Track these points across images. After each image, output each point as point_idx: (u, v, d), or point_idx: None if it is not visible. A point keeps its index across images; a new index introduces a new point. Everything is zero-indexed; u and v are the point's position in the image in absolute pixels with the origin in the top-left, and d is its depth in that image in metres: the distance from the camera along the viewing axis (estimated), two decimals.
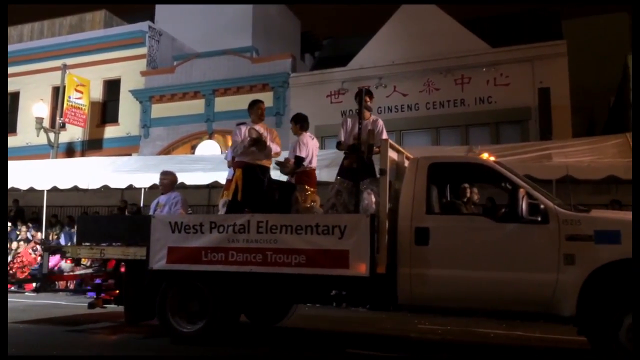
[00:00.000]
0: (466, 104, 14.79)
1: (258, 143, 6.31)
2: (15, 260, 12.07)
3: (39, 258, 12.24)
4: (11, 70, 20.28)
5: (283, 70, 16.81)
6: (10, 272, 11.77)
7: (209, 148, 17.19)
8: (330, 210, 6.29)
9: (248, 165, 6.41)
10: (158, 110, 18.17)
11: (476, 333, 7.17)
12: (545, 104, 13.16)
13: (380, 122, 6.60)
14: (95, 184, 12.68)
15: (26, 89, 20.08)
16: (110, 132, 19.05)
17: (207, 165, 11.95)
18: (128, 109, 18.73)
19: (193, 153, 17.10)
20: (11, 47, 21.06)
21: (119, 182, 12.58)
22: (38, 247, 12.78)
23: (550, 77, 13.61)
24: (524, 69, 14.14)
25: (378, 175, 5.62)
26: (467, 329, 7.32)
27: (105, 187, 12.82)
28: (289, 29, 22.16)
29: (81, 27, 21.13)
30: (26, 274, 11.86)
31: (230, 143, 17.72)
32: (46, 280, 9.97)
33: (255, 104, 6.83)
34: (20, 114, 20.13)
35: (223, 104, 17.37)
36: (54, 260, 11.77)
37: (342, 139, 6.56)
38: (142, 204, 12.65)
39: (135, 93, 18.36)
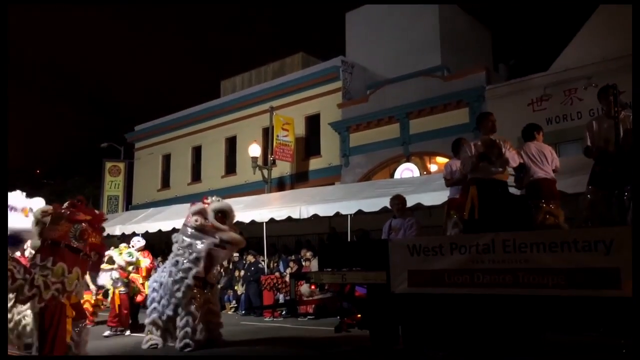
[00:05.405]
0: None
1: (492, 147, 5.94)
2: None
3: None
4: (229, 117, 23.21)
5: (477, 84, 16.22)
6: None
7: (407, 171, 17.26)
8: (583, 225, 5.71)
9: (483, 180, 6.05)
10: (356, 138, 18.88)
11: None
12: None
13: None
14: (305, 214, 13.55)
15: (241, 133, 22.55)
16: (314, 164, 20.32)
17: (408, 187, 11.92)
18: (328, 140, 19.82)
19: (392, 177, 17.33)
20: (227, 98, 24.12)
21: (326, 210, 13.27)
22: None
23: None
24: None
25: None
26: None
27: (315, 216, 13.63)
28: (479, 41, 21.41)
29: (282, 71, 23.17)
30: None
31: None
32: (294, 305, 10.76)
33: (484, 117, 6.56)
34: (238, 156, 22.64)
35: (418, 125, 17.39)
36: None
37: (589, 143, 6.06)
38: (349, 230, 13.11)
39: (334, 125, 19.34)
